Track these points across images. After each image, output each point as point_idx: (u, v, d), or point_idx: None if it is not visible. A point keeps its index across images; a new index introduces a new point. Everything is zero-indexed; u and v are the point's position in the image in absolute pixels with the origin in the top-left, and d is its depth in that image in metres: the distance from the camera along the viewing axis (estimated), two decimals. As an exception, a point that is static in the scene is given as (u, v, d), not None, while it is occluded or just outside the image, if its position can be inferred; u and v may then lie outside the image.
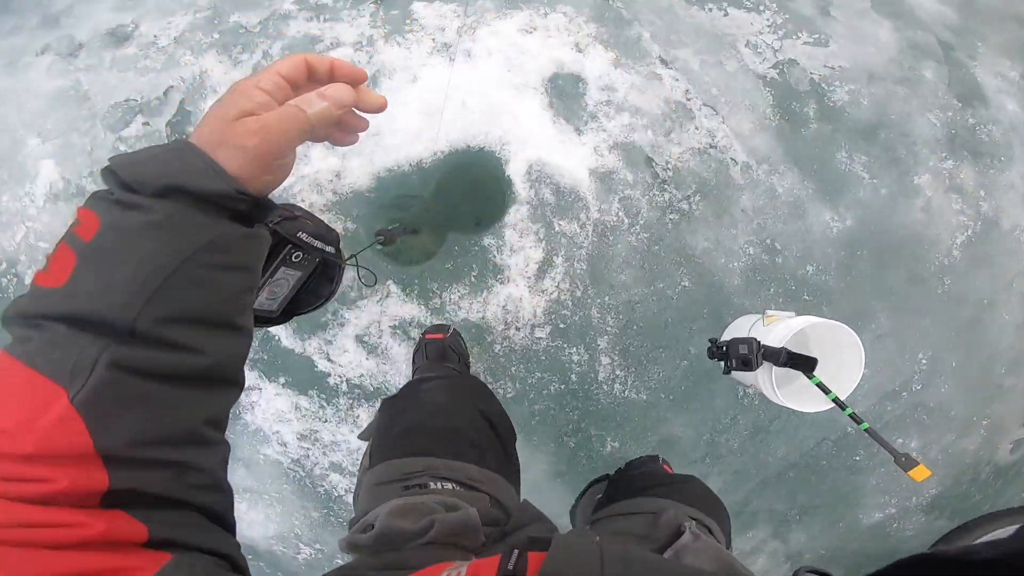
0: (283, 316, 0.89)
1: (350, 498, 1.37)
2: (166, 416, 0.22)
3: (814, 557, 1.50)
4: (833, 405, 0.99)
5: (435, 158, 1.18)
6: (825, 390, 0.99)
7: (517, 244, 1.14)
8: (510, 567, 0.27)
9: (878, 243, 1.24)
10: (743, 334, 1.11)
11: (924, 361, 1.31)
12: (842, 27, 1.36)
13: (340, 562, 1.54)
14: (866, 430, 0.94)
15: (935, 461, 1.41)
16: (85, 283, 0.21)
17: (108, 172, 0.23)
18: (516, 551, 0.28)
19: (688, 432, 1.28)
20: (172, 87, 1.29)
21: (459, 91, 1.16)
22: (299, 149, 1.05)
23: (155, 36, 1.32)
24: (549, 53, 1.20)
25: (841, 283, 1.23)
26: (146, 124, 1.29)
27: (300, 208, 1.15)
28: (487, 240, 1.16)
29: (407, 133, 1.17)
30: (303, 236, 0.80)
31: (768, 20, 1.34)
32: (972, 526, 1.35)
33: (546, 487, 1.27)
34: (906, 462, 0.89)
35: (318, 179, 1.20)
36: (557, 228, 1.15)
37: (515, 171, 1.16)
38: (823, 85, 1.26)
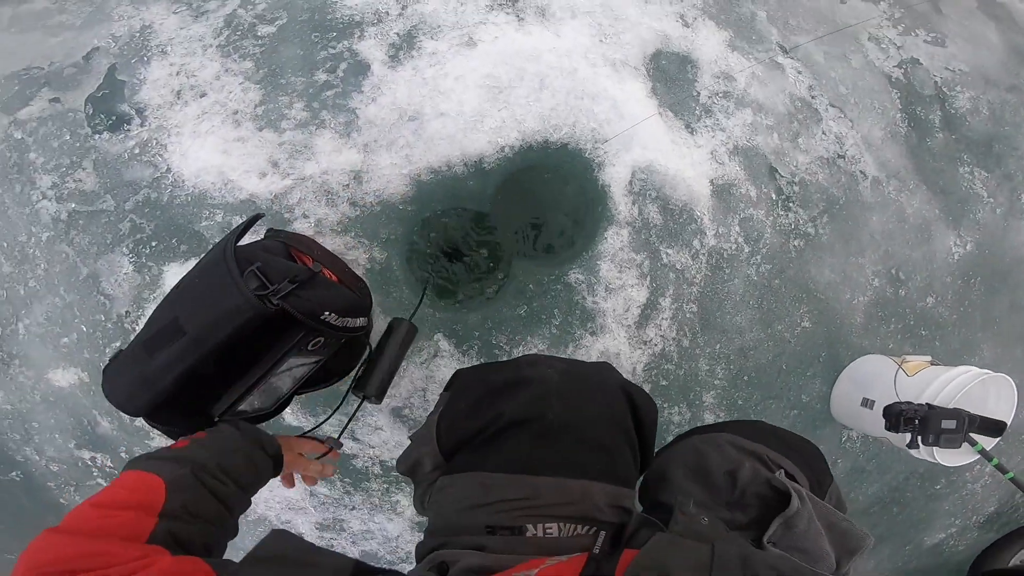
0: (279, 407, 0.58)
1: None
2: (204, 506, 0.40)
3: (879, 581, 1.46)
4: (977, 457, 0.89)
5: (501, 156, 0.84)
6: (972, 442, 0.86)
7: (615, 281, 0.84)
8: (596, 551, 0.34)
9: (990, 269, 1.09)
10: (876, 383, 0.93)
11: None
12: (955, 26, 1.16)
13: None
14: (1011, 479, 0.87)
15: (1000, 481, 1.39)
16: (191, 448, 0.44)
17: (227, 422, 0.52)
18: (602, 534, 0.36)
19: (780, 484, 1.10)
20: (97, 48, 0.82)
21: (535, 63, 0.82)
22: (299, 138, 0.80)
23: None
24: (650, 23, 0.88)
25: (954, 315, 1.07)
26: (55, 101, 0.81)
27: (316, 246, 0.72)
28: (574, 276, 0.84)
29: (462, 119, 0.81)
30: (329, 317, 0.54)
31: (885, 12, 1.11)
32: (1020, 534, 1.35)
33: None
34: None
35: (327, 183, 0.81)
36: (665, 259, 0.86)
37: (614, 179, 0.84)
38: (945, 89, 1.06)
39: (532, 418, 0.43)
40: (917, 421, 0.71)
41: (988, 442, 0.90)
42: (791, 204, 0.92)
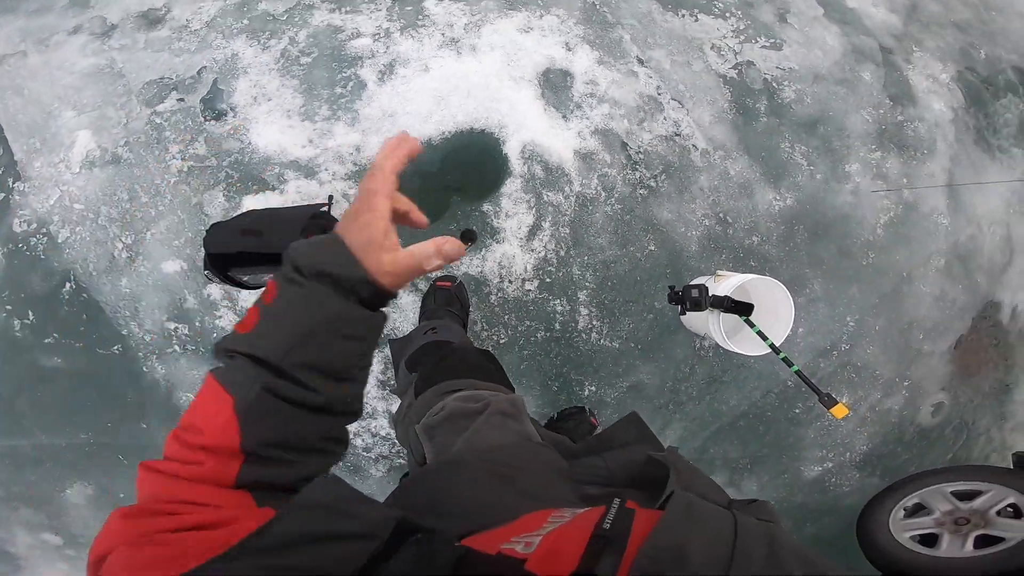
0: (228, 280, 1.34)
1: (358, 441, 1.76)
2: (291, 429, 0.39)
3: (766, 505, 1.94)
4: (770, 351, 1.42)
5: (443, 137, 1.60)
6: (763, 337, 1.42)
7: (512, 210, 1.57)
8: (606, 525, 0.33)
9: (813, 220, 1.72)
10: None
11: (851, 324, 1.80)
12: (796, 33, 1.83)
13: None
14: (796, 372, 1.32)
15: (864, 418, 1.88)
16: (260, 333, 0.39)
17: (286, 256, 0.41)
18: (616, 502, 0.35)
19: (654, 379, 1.73)
20: (205, 67, 1.67)
21: (465, 80, 1.58)
22: (324, 126, 1.52)
23: (187, 20, 1.70)
24: (543, 51, 1.63)
25: (781, 252, 1.70)
26: (181, 100, 1.66)
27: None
28: (486, 206, 1.58)
29: (419, 115, 1.58)
30: None
31: (732, 26, 1.80)
32: (899, 485, 1.67)
33: (532, 427, 1.70)
34: (828, 400, 1.22)
35: (340, 152, 1.60)
36: (545, 198, 1.58)
37: (511, 150, 1.59)
38: (774, 84, 1.73)
39: (467, 362, 0.86)
40: (680, 293, 1.35)
41: (777, 338, 1.43)
42: (637, 166, 1.61)
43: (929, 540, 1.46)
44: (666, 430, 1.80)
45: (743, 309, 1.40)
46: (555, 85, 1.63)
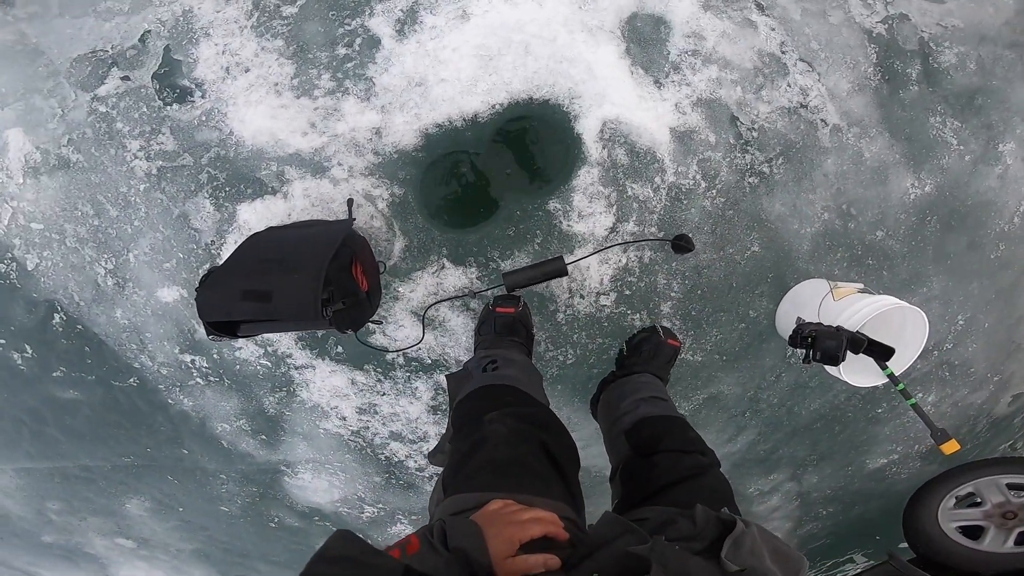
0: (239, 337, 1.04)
1: (411, 463, 1.60)
2: None
3: (821, 496, 1.83)
4: (886, 380, 1.08)
5: (492, 112, 1.18)
6: (882, 366, 1.07)
7: (586, 210, 1.21)
8: None
9: (949, 209, 1.36)
10: (809, 304, 1.27)
11: (961, 322, 1.54)
12: None
13: (401, 518, 1.87)
14: (913, 405, 1.07)
15: (945, 414, 1.69)
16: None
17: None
18: None
19: (735, 389, 1.52)
20: (149, 32, 1.16)
21: (521, 32, 1.11)
22: (329, 103, 1.19)
23: (108, -36, 1.15)
24: (627, -18, 1.13)
25: (905, 248, 1.38)
26: (126, 79, 1.18)
27: (369, 257, 1.29)
28: (552, 204, 1.21)
29: (459, 83, 1.14)
30: (347, 330, 1.03)
31: None
32: (956, 472, 1.51)
33: (596, 442, 1.53)
34: (940, 436, 1.03)
35: (355, 138, 1.18)
36: (630, 192, 1.21)
37: (586, 129, 1.17)
38: (932, 44, 1.25)
39: (492, 459, 0.71)
40: (810, 339, 1.03)
41: (898, 367, 1.09)
42: (749, 147, 1.22)
43: (972, 532, 1.42)
44: (738, 436, 1.64)
45: (882, 353, 1.08)
46: (645, 38, 1.15)
